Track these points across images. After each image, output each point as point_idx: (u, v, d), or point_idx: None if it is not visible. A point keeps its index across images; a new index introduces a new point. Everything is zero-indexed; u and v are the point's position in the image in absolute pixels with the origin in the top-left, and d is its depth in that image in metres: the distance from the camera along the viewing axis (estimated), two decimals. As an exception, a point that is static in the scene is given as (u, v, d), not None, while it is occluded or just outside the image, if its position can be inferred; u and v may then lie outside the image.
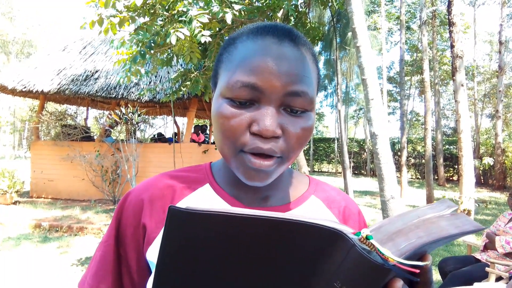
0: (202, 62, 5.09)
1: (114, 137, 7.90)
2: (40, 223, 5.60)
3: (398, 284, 0.36)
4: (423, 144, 14.79)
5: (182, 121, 17.15)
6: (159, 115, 12.44)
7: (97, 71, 8.17)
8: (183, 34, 3.26)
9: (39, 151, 8.35)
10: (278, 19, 4.37)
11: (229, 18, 3.27)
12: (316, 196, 0.64)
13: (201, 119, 14.35)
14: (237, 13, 3.60)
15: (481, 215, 7.99)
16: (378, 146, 2.99)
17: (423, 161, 16.17)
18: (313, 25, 5.87)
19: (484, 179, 16.20)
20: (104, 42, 9.30)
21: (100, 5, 3.43)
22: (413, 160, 19.34)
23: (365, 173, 20.94)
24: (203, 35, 3.24)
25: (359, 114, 27.62)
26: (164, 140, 9.04)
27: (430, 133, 11.50)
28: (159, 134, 9.64)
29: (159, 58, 4.71)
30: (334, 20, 9.66)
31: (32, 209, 6.78)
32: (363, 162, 21.43)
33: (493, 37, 23.55)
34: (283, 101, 0.49)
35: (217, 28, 3.90)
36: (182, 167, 0.67)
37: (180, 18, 3.51)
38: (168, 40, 3.30)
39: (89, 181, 7.67)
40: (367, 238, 0.34)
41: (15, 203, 7.33)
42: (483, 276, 2.76)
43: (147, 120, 9.28)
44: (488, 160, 12.77)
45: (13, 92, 8.00)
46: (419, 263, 0.35)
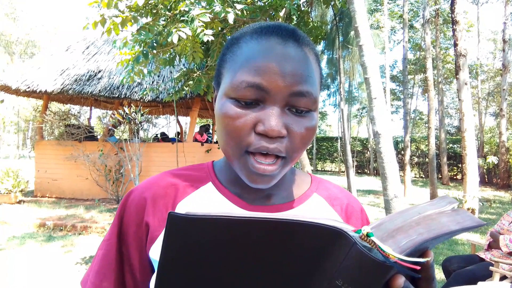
0: (204, 62, 5.10)
1: (118, 137, 7.94)
2: (44, 222, 5.63)
3: (400, 281, 0.36)
4: (427, 143, 14.71)
5: (185, 121, 17.17)
6: (162, 114, 12.47)
7: (100, 71, 8.20)
8: (185, 33, 3.27)
9: (43, 151, 8.40)
10: (280, 18, 4.36)
11: (231, 18, 3.28)
12: (318, 194, 0.64)
13: (204, 118, 14.36)
14: (239, 13, 3.61)
15: (485, 214, 7.95)
16: (381, 145, 2.98)
17: (427, 160, 16.10)
18: (316, 24, 5.86)
19: (488, 178, 16.11)
20: (107, 42, 9.32)
21: (102, 6, 3.44)
22: (416, 159, 19.25)
23: (368, 172, 20.88)
24: (205, 34, 3.25)
25: (362, 113, 27.54)
26: (167, 140, 9.06)
27: (434, 132, 11.46)
28: (162, 134, 9.67)
29: (162, 58, 4.73)
30: (337, 19, 9.64)
31: (36, 208, 6.81)
32: (366, 161, 21.37)
33: (496, 35, 23.38)
34: (288, 101, 0.49)
35: (220, 28, 3.90)
36: (185, 165, 0.68)
37: (182, 18, 3.51)
38: (170, 40, 3.31)
39: (92, 180, 7.70)
40: (367, 235, 0.34)
41: (19, 202, 7.38)
42: (487, 275, 2.75)
43: (150, 119, 9.32)
44: (492, 159, 12.68)
45: (17, 92, 8.04)
46: (420, 259, 0.35)
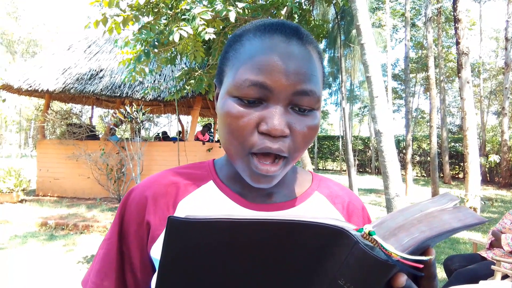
0: (206, 61, 5.11)
1: (119, 136, 7.94)
2: (46, 221, 5.64)
3: (402, 279, 0.36)
4: (428, 142, 14.68)
5: (186, 120, 17.21)
6: (164, 113, 12.49)
7: (101, 70, 8.21)
8: (187, 32, 3.27)
9: (45, 150, 8.41)
10: (282, 17, 4.36)
11: (233, 16, 3.27)
12: (319, 192, 0.63)
13: (205, 117, 14.36)
14: (241, 11, 3.60)
15: (487, 213, 7.93)
16: (383, 144, 2.98)
17: (428, 158, 16.07)
18: (317, 23, 5.86)
19: (490, 176, 16.07)
20: (109, 41, 9.33)
21: (104, 5, 3.44)
22: (418, 158, 19.22)
23: (370, 171, 20.87)
24: (207, 32, 3.25)
25: (363, 111, 27.51)
26: (168, 139, 9.08)
27: (436, 130, 11.42)
28: (163, 133, 9.68)
29: (163, 57, 4.73)
30: (338, 17, 9.61)
31: (38, 207, 6.83)
32: (368, 160, 21.35)
33: (499, 33, 23.31)
34: (291, 100, 0.49)
35: (221, 26, 3.90)
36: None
37: (184, 16, 3.51)
38: (171, 38, 3.31)
39: (94, 179, 7.71)
40: (369, 234, 0.34)
41: (21, 201, 7.40)
42: (488, 274, 2.74)
43: (152, 118, 9.31)
44: (494, 158, 12.65)
45: (19, 91, 8.06)
46: (422, 258, 0.35)
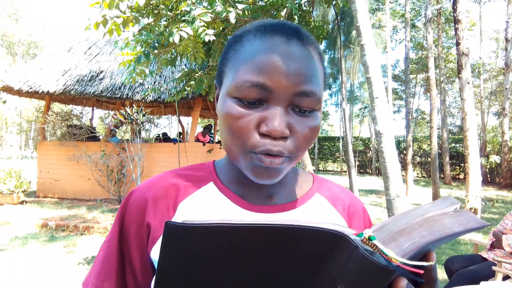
0: (206, 62, 5.11)
1: (119, 137, 7.95)
2: (46, 223, 5.64)
3: (402, 283, 0.35)
4: (429, 143, 14.66)
5: (186, 121, 17.22)
6: (164, 115, 12.49)
7: (102, 72, 8.22)
8: (187, 33, 3.27)
9: (45, 151, 8.42)
10: (282, 18, 4.36)
11: (233, 17, 3.28)
12: (320, 193, 0.63)
13: (205, 118, 14.37)
14: (241, 12, 3.60)
15: (488, 213, 7.92)
16: (383, 145, 2.97)
17: (429, 159, 16.07)
18: (317, 24, 5.86)
19: (491, 177, 16.05)
20: (109, 42, 9.34)
21: (104, 6, 3.45)
22: (418, 159, 19.20)
23: (370, 171, 20.84)
24: (207, 34, 3.25)
25: (364, 112, 27.48)
26: (169, 140, 9.07)
27: (436, 131, 11.41)
28: (164, 134, 9.68)
29: (163, 58, 4.73)
30: (338, 18, 9.62)
31: (38, 208, 6.83)
32: (368, 161, 21.33)
33: (499, 34, 23.30)
34: (292, 101, 0.49)
35: (221, 28, 3.90)
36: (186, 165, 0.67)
37: (184, 18, 3.52)
38: (171, 40, 3.31)
39: (94, 180, 7.71)
40: (369, 239, 0.34)
41: (22, 202, 7.40)
42: (489, 275, 2.73)
43: (152, 120, 9.32)
44: (495, 158, 12.64)
45: (19, 93, 8.07)
46: (423, 263, 0.35)
